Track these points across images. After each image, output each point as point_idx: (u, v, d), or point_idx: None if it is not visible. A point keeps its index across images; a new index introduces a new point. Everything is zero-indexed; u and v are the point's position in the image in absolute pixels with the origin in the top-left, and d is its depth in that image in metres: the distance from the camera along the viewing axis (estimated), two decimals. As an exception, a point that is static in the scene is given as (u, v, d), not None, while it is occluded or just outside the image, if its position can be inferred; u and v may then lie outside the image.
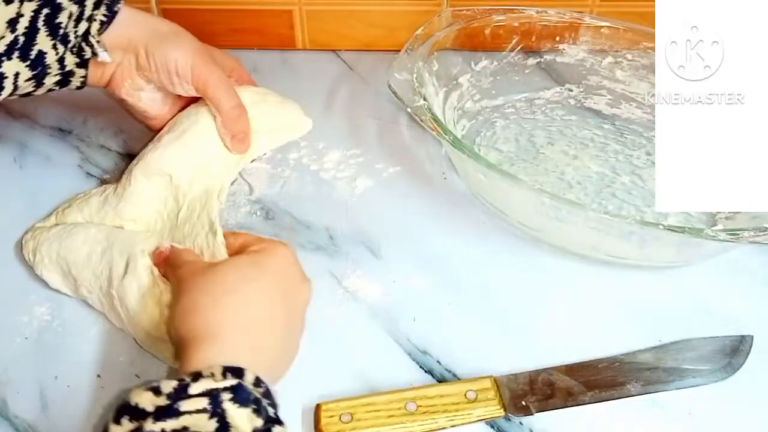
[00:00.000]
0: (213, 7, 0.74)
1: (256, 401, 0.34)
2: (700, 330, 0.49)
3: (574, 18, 0.67)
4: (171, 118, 0.56)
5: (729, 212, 0.57)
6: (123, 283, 0.46)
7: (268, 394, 0.36)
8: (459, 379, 0.46)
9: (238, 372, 0.35)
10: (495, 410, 0.43)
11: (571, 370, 0.46)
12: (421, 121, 0.53)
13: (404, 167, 0.62)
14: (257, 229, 0.56)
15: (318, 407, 0.43)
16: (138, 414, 0.33)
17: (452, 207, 0.59)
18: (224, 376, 0.35)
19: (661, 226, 0.47)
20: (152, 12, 0.74)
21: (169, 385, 0.34)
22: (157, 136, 0.55)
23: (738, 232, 0.46)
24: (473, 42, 0.66)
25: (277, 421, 0.35)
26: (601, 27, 0.66)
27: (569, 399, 0.44)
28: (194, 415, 0.33)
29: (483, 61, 0.67)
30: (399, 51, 0.59)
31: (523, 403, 0.44)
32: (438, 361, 0.47)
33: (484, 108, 0.67)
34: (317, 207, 0.58)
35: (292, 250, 0.44)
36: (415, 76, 0.56)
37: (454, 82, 0.65)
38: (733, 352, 0.47)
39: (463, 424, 0.43)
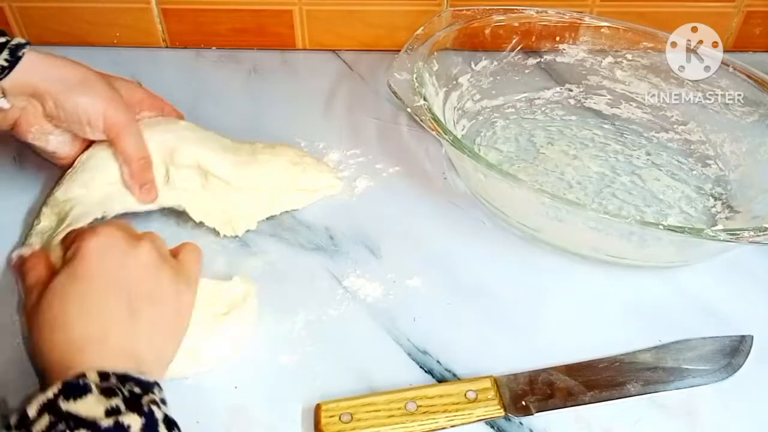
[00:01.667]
0: (213, 7, 0.74)
1: (106, 389, 0.35)
2: (700, 330, 0.49)
3: (574, 18, 0.67)
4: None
5: (729, 212, 0.57)
6: None
7: (125, 378, 0.36)
8: (459, 379, 0.46)
9: (76, 377, 0.35)
10: (495, 410, 0.43)
11: (570, 370, 0.46)
12: (421, 121, 0.53)
13: (404, 167, 0.62)
14: (258, 229, 0.56)
15: (318, 407, 0.43)
16: None
17: (452, 207, 0.59)
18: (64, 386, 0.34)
19: (661, 226, 0.47)
20: (152, 12, 0.74)
21: (14, 418, 0.34)
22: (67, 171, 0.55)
23: (738, 232, 0.46)
24: (473, 42, 0.66)
25: (144, 393, 0.35)
26: (601, 27, 0.66)
27: (569, 399, 0.44)
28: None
29: (483, 61, 0.67)
30: (399, 51, 0.59)
31: (523, 403, 0.44)
32: (438, 361, 0.47)
33: (484, 108, 0.67)
34: (317, 207, 0.58)
35: (100, 237, 0.41)
36: (415, 76, 0.56)
37: (454, 82, 0.65)
38: (733, 352, 0.47)
39: (463, 424, 0.43)
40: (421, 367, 0.47)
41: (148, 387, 0.37)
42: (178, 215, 0.56)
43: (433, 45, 0.60)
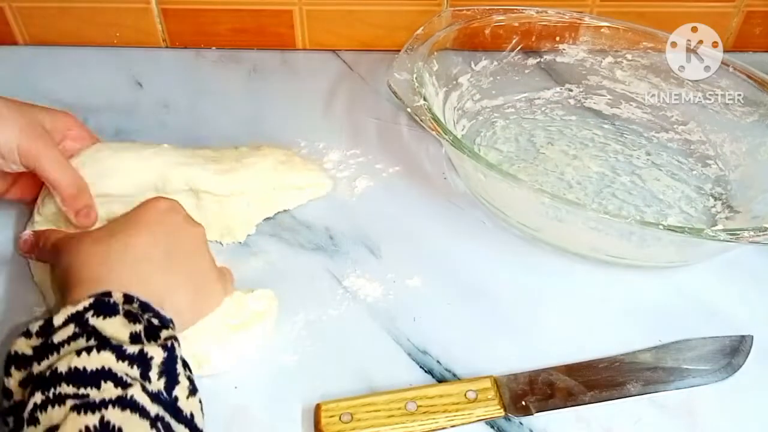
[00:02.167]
0: (213, 7, 0.74)
1: (129, 313, 0.37)
2: (700, 330, 0.49)
3: (574, 18, 0.67)
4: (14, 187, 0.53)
5: (729, 212, 0.57)
6: None
7: (147, 307, 0.38)
8: (459, 379, 0.46)
9: (103, 295, 0.37)
10: (495, 410, 0.43)
11: (571, 370, 0.46)
12: (421, 121, 0.53)
13: (404, 167, 0.62)
14: (257, 229, 0.56)
15: (318, 407, 0.43)
16: (22, 361, 0.36)
17: (452, 207, 0.59)
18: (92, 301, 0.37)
19: (661, 226, 0.47)
20: (152, 12, 0.74)
21: (35, 325, 0.36)
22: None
23: (738, 232, 0.46)
24: (473, 42, 0.66)
25: (163, 327, 0.38)
26: (601, 27, 0.66)
27: (569, 399, 0.44)
28: (71, 343, 0.35)
29: (483, 61, 0.67)
30: (399, 51, 0.59)
31: (523, 403, 0.44)
32: (438, 361, 0.47)
33: (484, 108, 0.67)
34: (317, 207, 0.58)
35: (169, 202, 0.46)
36: (415, 76, 0.56)
37: (454, 82, 0.65)
38: (733, 352, 0.47)
39: (463, 424, 0.43)
40: (421, 367, 0.47)
41: (165, 322, 0.38)
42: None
43: (433, 45, 0.60)
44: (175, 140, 0.56)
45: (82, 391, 0.33)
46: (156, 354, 0.36)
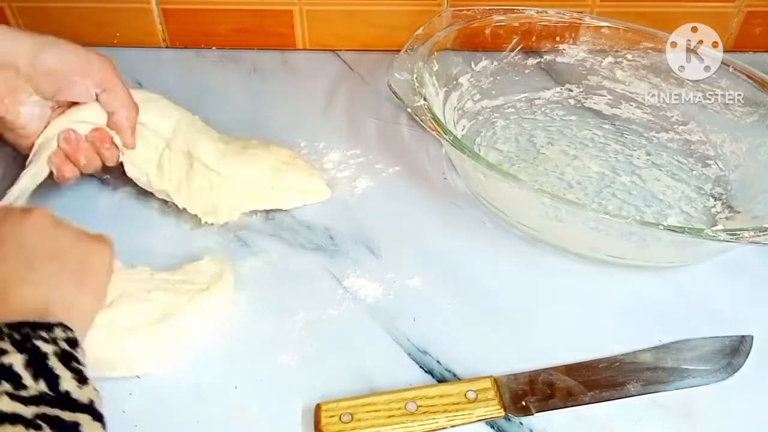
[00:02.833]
0: (213, 7, 0.74)
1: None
2: (700, 330, 0.49)
3: (574, 18, 0.67)
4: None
5: (729, 212, 0.57)
6: None
7: (19, 325, 0.36)
8: (459, 379, 0.46)
9: None
10: (495, 410, 0.43)
11: (571, 370, 0.46)
12: (421, 121, 0.53)
13: (404, 167, 0.62)
14: (258, 229, 0.56)
15: (318, 407, 0.43)
16: None
17: (452, 207, 0.59)
18: None
19: (661, 226, 0.47)
20: (152, 12, 0.74)
21: None
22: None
23: (738, 232, 0.46)
24: (473, 42, 0.66)
25: (30, 336, 0.36)
26: (601, 27, 0.66)
27: (569, 399, 0.44)
28: None
29: (483, 61, 0.67)
30: (399, 51, 0.59)
31: (523, 403, 0.44)
32: (438, 361, 0.47)
33: (484, 108, 0.67)
34: (317, 207, 0.58)
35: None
36: (415, 76, 0.56)
37: (454, 82, 0.65)
38: (733, 352, 0.47)
39: (463, 424, 0.43)
40: (421, 367, 0.47)
41: (47, 328, 0.37)
42: (178, 215, 0.56)
43: (433, 45, 0.60)
44: (175, 140, 0.56)
45: None
46: (15, 360, 0.35)
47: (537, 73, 0.69)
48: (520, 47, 0.68)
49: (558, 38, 0.68)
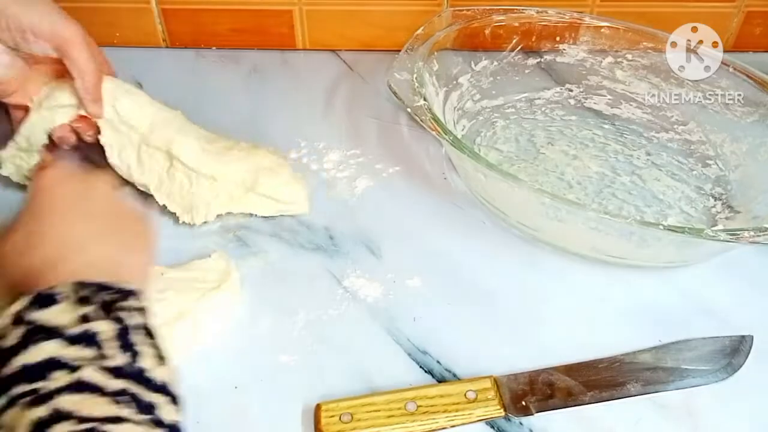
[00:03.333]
0: (213, 7, 0.74)
1: (79, 299, 0.35)
2: (700, 330, 0.49)
3: (574, 18, 0.67)
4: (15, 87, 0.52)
5: (729, 212, 0.57)
6: None
7: (101, 286, 0.36)
8: (459, 379, 0.46)
9: (49, 289, 0.35)
10: (495, 410, 0.43)
11: (571, 370, 0.46)
12: (421, 121, 0.53)
13: (404, 167, 0.62)
14: (257, 229, 0.56)
15: (318, 407, 0.43)
16: None
17: (452, 207, 0.59)
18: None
19: (661, 226, 0.47)
20: (152, 12, 0.74)
21: None
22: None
23: (738, 232, 0.46)
24: (473, 42, 0.66)
25: (119, 299, 0.36)
26: (601, 27, 0.66)
27: (569, 399, 0.44)
28: (20, 354, 0.33)
29: (483, 61, 0.67)
30: (399, 51, 0.59)
31: (523, 403, 0.44)
32: (438, 361, 0.47)
33: (484, 108, 0.67)
34: (317, 207, 0.58)
35: (47, 177, 0.43)
36: (415, 76, 0.56)
37: (454, 82, 0.65)
38: (733, 352, 0.47)
39: (463, 424, 0.43)
40: (421, 367, 0.47)
41: (125, 294, 0.37)
42: (176, 216, 0.56)
43: (433, 45, 0.60)
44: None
45: (32, 386, 0.32)
46: (103, 329, 0.34)
47: (537, 73, 0.69)
48: (520, 47, 0.68)
49: (558, 38, 0.68)
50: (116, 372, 0.33)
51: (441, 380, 0.46)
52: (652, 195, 0.59)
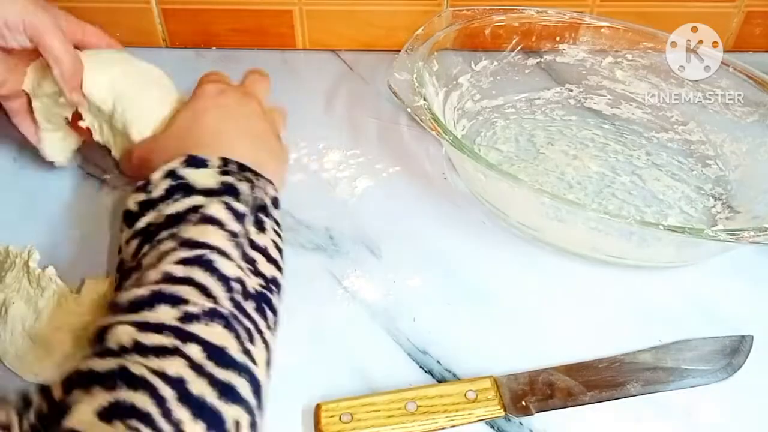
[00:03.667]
0: (213, 7, 0.74)
1: (224, 170, 0.40)
2: (700, 330, 0.49)
3: (574, 18, 0.67)
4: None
5: (729, 212, 0.57)
6: None
7: (242, 167, 0.42)
8: (459, 379, 0.46)
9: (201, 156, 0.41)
10: (495, 410, 0.43)
11: (571, 370, 0.46)
12: (421, 121, 0.53)
13: (404, 167, 0.62)
14: (257, 229, 0.56)
15: (318, 407, 0.43)
16: (130, 218, 0.40)
17: (452, 207, 0.59)
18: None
19: (661, 226, 0.47)
20: (152, 12, 0.74)
21: (141, 182, 0.40)
22: None
23: (738, 232, 0.46)
24: (473, 42, 0.66)
25: (246, 177, 0.41)
26: (601, 27, 0.66)
27: (569, 399, 0.44)
28: (168, 203, 0.39)
29: (483, 61, 0.67)
30: (399, 51, 0.59)
31: (523, 403, 0.44)
32: (438, 361, 0.47)
33: (484, 108, 0.67)
34: (317, 207, 0.58)
35: (216, 85, 0.48)
36: (415, 76, 0.56)
37: (454, 82, 0.65)
38: (733, 352, 0.47)
39: (463, 424, 0.43)
40: (421, 367, 0.47)
41: (262, 179, 0.42)
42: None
43: (433, 45, 0.60)
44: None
45: (173, 230, 0.37)
46: (241, 187, 0.40)
47: (537, 73, 0.69)
48: (520, 47, 0.68)
49: (558, 38, 0.68)
50: (239, 217, 0.39)
51: (441, 380, 0.46)
52: (652, 195, 0.59)
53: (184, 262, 0.35)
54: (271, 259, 0.40)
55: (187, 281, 0.34)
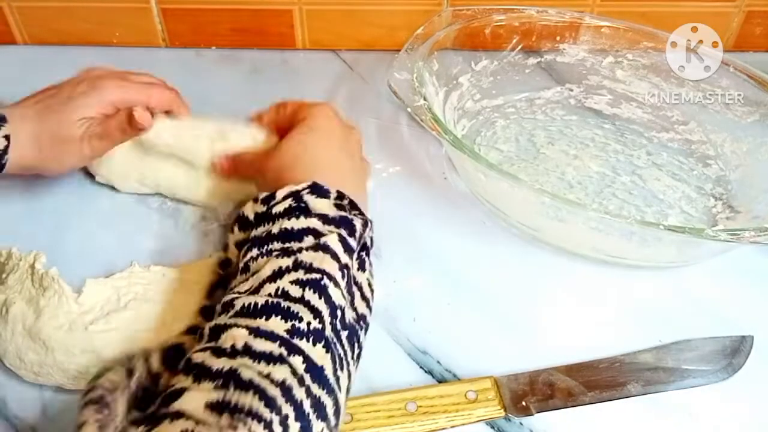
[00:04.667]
0: (213, 6, 0.74)
1: (339, 204, 0.43)
2: (700, 330, 0.49)
3: (574, 18, 0.67)
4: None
5: (729, 212, 0.57)
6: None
7: (353, 204, 0.44)
8: (459, 379, 0.46)
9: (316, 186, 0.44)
10: (495, 411, 0.43)
11: (571, 370, 0.46)
12: (421, 121, 0.53)
13: (404, 167, 0.62)
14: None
15: (318, 407, 0.43)
16: (244, 223, 0.44)
17: (452, 207, 0.59)
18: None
19: (661, 226, 0.47)
20: (152, 12, 0.74)
21: (263, 194, 0.43)
22: None
23: (738, 232, 0.46)
24: (473, 42, 0.66)
25: (359, 215, 0.43)
26: (601, 27, 0.66)
27: (569, 399, 0.44)
28: (284, 220, 0.41)
29: (483, 60, 0.67)
30: (399, 51, 0.58)
31: (524, 403, 0.44)
32: (438, 361, 0.47)
33: (484, 108, 0.67)
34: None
35: (331, 107, 0.51)
36: (415, 76, 0.56)
37: (454, 82, 0.65)
38: (734, 352, 0.47)
39: (463, 424, 0.43)
40: (421, 367, 0.47)
41: (365, 218, 0.44)
42: (177, 215, 0.56)
43: (433, 45, 0.60)
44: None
45: (287, 245, 0.40)
46: (357, 224, 0.42)
47: (537, 72, 0.69)
48: (520, 47, 0.68)
49: (558, 38, 0.68)
50: (349, 250, 0.41)
51: (441, 380, 0.46)
52: (653, 195, 0.59)
53: (299, 283, 0.38)
54: (364, 297, 0.42)
55: (301, 300, 0.37)
